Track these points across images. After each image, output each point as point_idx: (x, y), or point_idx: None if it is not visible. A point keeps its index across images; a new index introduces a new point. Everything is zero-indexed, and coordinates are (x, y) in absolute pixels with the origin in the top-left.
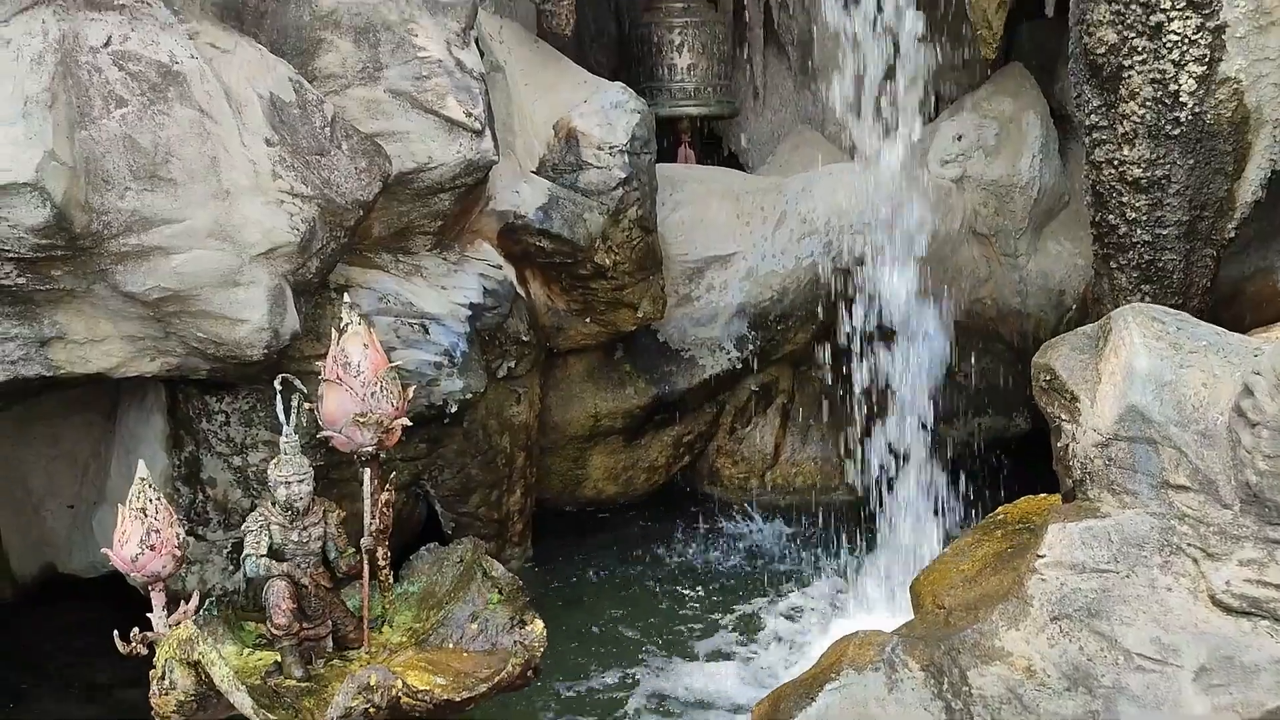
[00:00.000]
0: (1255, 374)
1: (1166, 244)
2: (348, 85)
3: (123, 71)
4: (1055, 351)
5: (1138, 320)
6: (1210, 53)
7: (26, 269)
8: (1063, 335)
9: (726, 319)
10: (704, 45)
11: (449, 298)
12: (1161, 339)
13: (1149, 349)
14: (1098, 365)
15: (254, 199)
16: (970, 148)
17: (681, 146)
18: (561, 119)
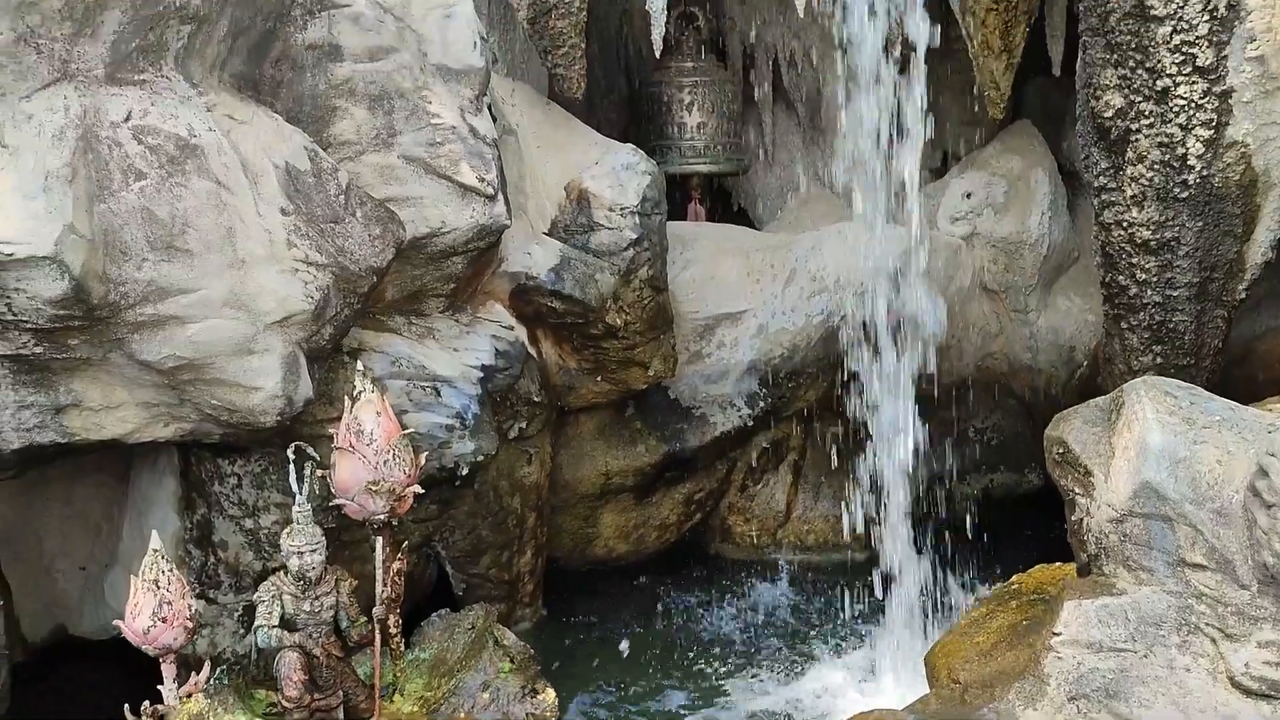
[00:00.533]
0: (1270, 455)
1: (1177, 305)
2: (362, 151)
3: (142, 145)
4: (1068, 424)
5: (1150, 394)
6: (1217, 117)
7: (44, 339)
8: (1075, 408)
9: (737, 376)
10: (713, 104)
11: (461, 360)
12: (1175, 414)
13: (1162, 424)
14: (1111, 439)
15: (269, 268)
16: (979, 205)
17: (691, 203)
18: (573, 180)
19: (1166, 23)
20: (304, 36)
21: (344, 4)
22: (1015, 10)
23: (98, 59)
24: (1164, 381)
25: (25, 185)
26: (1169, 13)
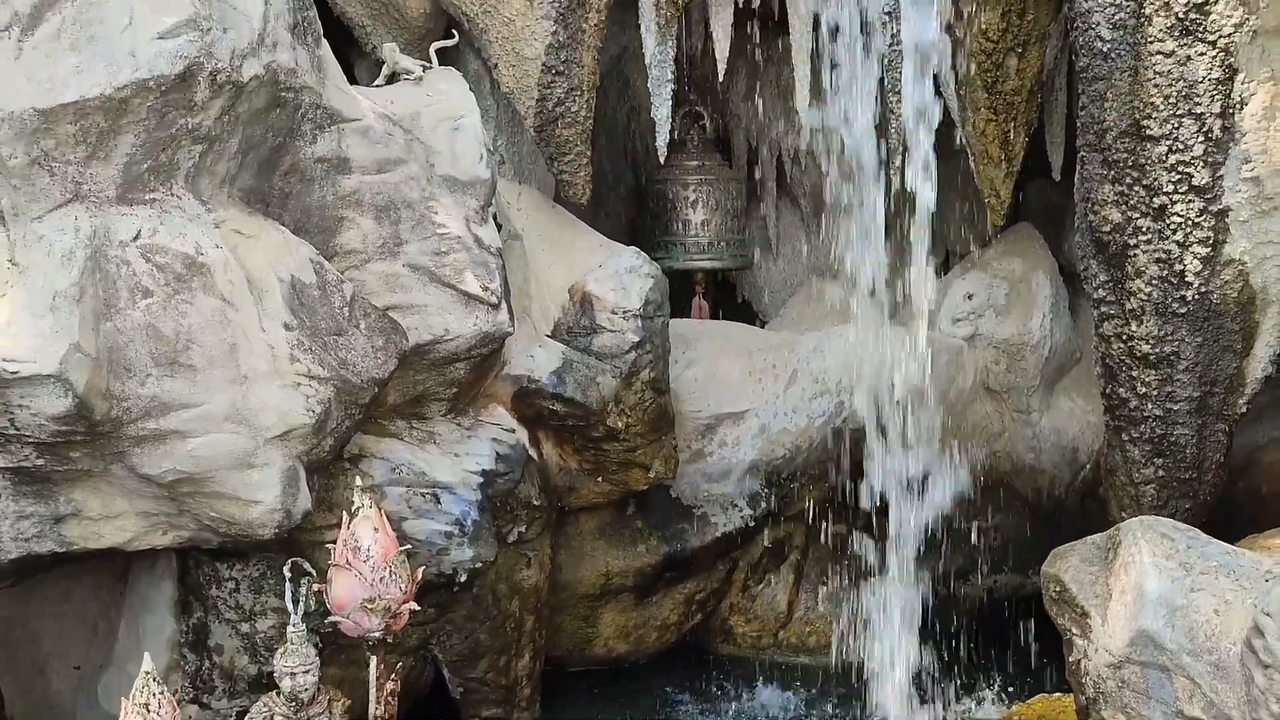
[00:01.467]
0: (1265, 614)
1: (1178, 419)
2: (368, 260)
3: (150, 264)
4: (1065, 562)
5: (1147, 537)
6: (1214, 235)
7: (46, 452)
8: (1072, 544)
9: (739, 476)
10: (718, 201)
11: (461, 465)
12: (1171, 558)
13: (1159, 569)
14: (1108, 580)
15: (271, 383)
16: (981, 306)
17: (696, 297)
18: (577, 283)
19: (1162, 142)
20: (313, 150)
21: (354, 118)
22: (1014, 121)
23: (109, 180)
24: (1160, 522)
25: (33, 304)
26: (1164, 133)
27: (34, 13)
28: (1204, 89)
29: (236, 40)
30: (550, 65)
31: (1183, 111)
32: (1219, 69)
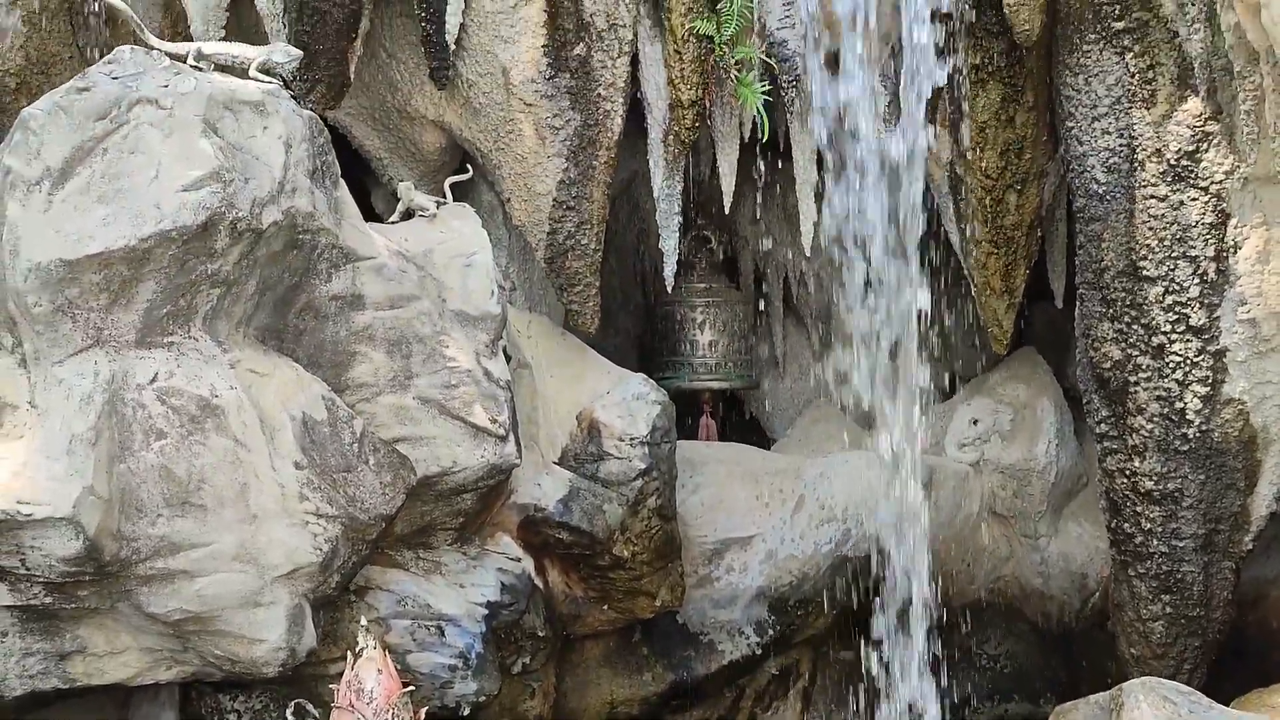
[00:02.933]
0: None
1: (1184, 556)
2: (379, 393)
3: (165, 406)
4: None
5: (1149, 699)
6: (1213, 374)
7: (55, 591)
8: (1075, 702)
9: (746, 602)
10: (725, 323)
11: (467, 597)
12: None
13: None
14: None
15: (279, 521)
16: (986, 432)
17: (703, 417)
18: (584, 410)
19: (1159, 283)
20: (328, 288)
21: (368, 256)
22: (1015, 254)
23: (129, 325)
24: (1162, 685)
25: (50, 447)
26: (1160, 274)
27: (65, 167)
28: (1198, 233)
29: (257, 189)
30: (561, 200)
31: (1178, 254)
32: (1212, 214)
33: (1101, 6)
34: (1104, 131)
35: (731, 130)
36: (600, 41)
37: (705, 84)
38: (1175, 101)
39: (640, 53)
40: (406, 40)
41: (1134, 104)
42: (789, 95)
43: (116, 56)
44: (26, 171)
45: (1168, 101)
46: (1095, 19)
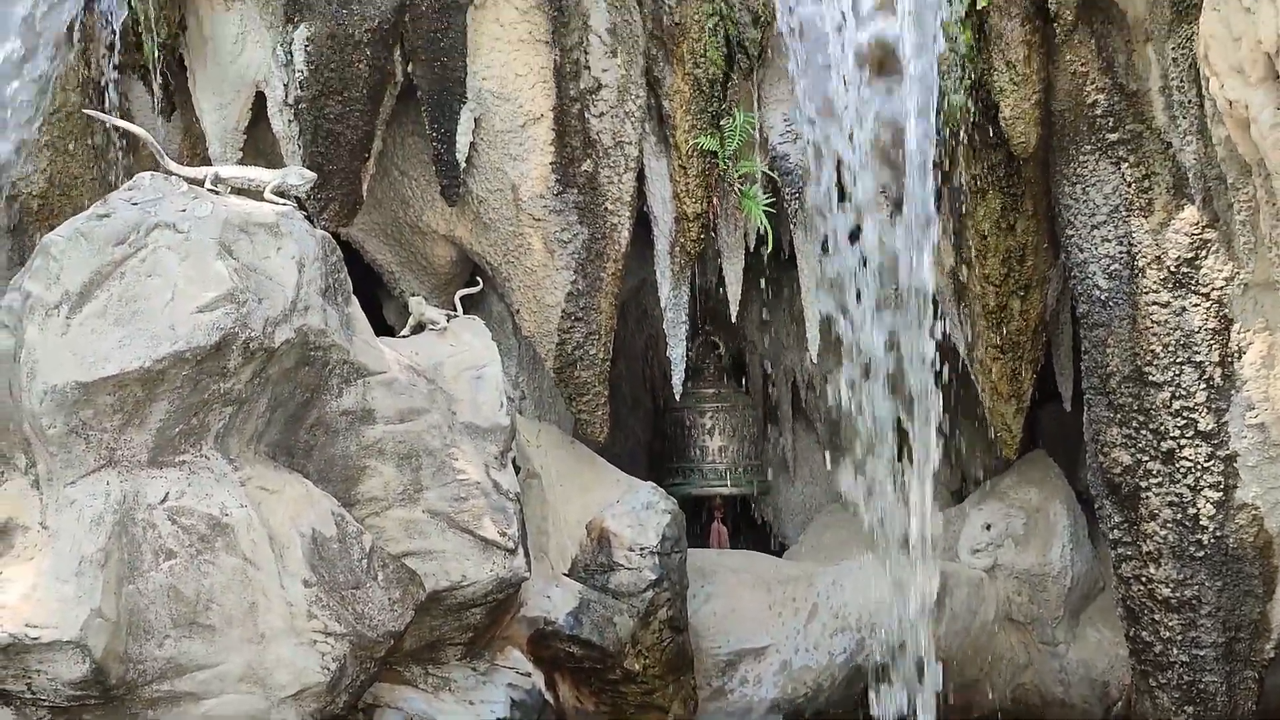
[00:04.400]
0: None
1: (1206, 665)
2: (388, 507)
3: (175, 525)
4: None
5: None
6: (1225, 480)
7: (59, 715)
8: None
9: (760, 715)
10: (734, 428)
11: (477, 714)
12: None
13: None
14: None
15: (287, 640)
16: (999, 537)
17: (714, 523)
18: (594, 519)
19: (1165, 388)
20: (339, 404)
21: (379, 371)
22: (1021, 359)
23: (142, 445)
24: None
25: (59, 569)
26: (1166, 379)
27: (84, 290)
28: (1201, 338)
29: (270, 309)
30: (569, 312)
31: (1182, 359)
32: (1214, 319)
33: (1096, 119)
34: (1104, 239)
35: (737, 241)
36: (607, 158)
37: (710, 197)
38: (1172, 210)
39: (646, 168)
40: (418, 158)
41: (1132, 212)
42: (792, 207)
43: (137, 183)
44: (46, 296)
45: (1165, 210)
46: (1090, 131)
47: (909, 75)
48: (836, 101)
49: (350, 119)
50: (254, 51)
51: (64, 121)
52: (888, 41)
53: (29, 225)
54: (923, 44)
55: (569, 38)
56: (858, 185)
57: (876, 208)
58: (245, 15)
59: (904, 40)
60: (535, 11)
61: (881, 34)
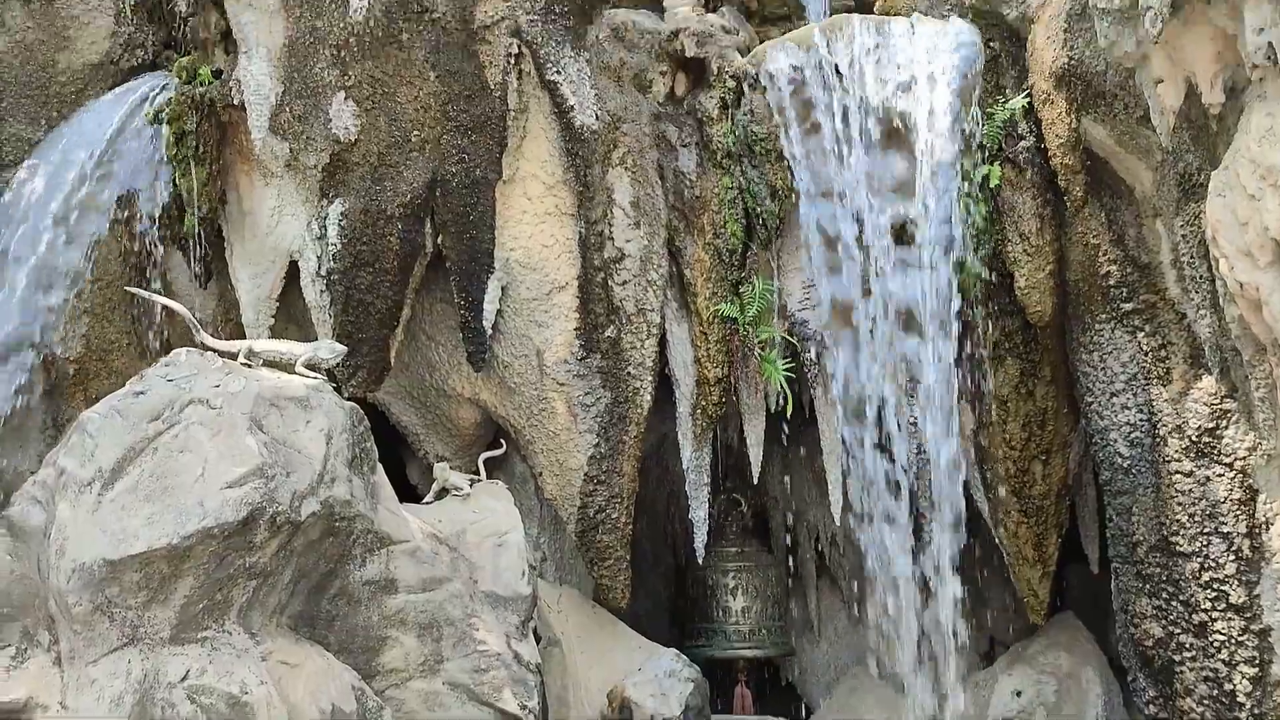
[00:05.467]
0: None
1: None
2: (409, 678)
3: (195, 704)
4: None
5: None
6: (1259, 654)
7: None
8: None
9: None
10: (757, 588)
11: None
12: None
13: None
14: None
15: None
16: (1031, 704)
17: (739, 686)
18: (615, 688)
19: (1193, 559)
20: (362, 574)
21: (402, 540)
22: (1046, 523)
23: (165, 622)
24: None
25: None
26: (1194, 550)
27: (116, 467)
28: (1227, 508)
29: (298, 482)
30: (592, 475)
31: (1209, 529)
32: (1239, 490)
33: (1110, 289)
34: (1123, 406)
35: (757, 403)
36: (630, 324)
37: (731, 361)
38: (1190, 379)
39: (668, 333)
40: (445, 324)
41: (1150, 381)
42: (811, 372)
43: (173, 359)
44: (80, 473)
45: (1183, 379)
46: (1105, 300)
47: (926, 251)
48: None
49: (381, 289)
50: (289, 224)
51: (104, 289)
52: (907, 218)
53: (65, 389)
54: (939, 220)
55: (594, 210)
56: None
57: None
58: (282, 190)
59: (921, 218)
60: (561, 186)
61: (901, 215)
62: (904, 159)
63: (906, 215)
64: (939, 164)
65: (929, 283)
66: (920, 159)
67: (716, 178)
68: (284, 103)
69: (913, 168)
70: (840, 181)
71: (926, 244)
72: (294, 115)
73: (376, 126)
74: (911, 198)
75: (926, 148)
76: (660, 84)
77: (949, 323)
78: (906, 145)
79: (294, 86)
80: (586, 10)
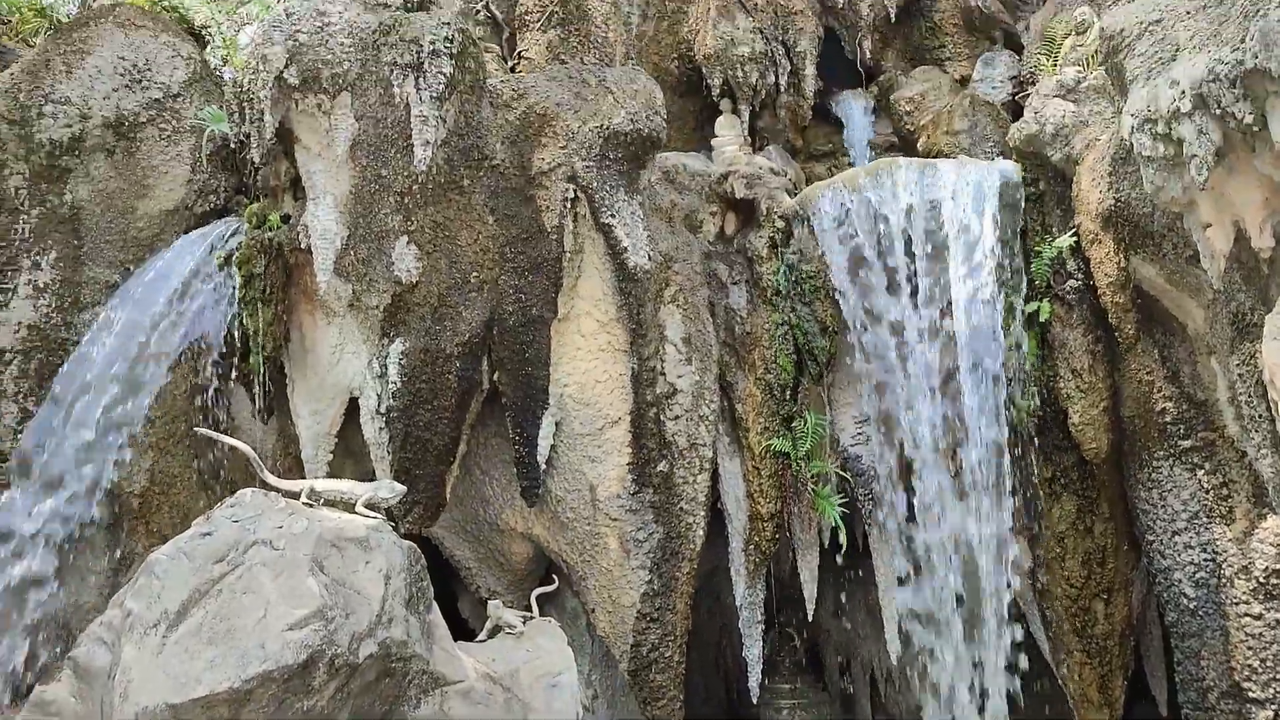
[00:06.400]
0: None
1: None
2: None
3: None
4: None
5: None
6: None
7: None
8: None
9: None
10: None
11: None
12: None
13: None
14: None
15: None
16: None
17: None
18: None
19: (1267, 706)
20: (416, 715)
21: (457, 680)
22: (1110, 665)
23: None
24: None
25: None
26: (1268, 696)
27: (181, 609)
28: None
29: (356, 624)
30: (645, 613)
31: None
32: None
33: (1166, 426)
34: (1186, 545)
35: (811, 539)
36: (682, 459)
37: (783, 496)
38: (1254, 519)
39: (720, 468)
40: (499, 459)
41: (1213, 520)
42: (865, 508)
43: (239, 499)
44: (146, 614)
45: (1247, 518)
46: (1162, 437)
47: (975, 387)
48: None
49: (438, 426)
50: (350, 362)
51: (169, 424)
52: (956, 355)
53: (127, 522)
54: (987, 355)
55: (646, 347)
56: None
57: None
58: (344, 329)
59: (970, 354)
60: (614, 323)
61: (951, 352)
62: (951, 297)
63: (956, 352)
64: (987, 301)
65: (978, 417)
66: (968, 296)
67: (767, 314)
68: (349, 246)
69: (961, 305)
70: (889, 318)
71: (976, 380)
72: (358, 258)
73: (437, 268)
74: (959, 332)
75: (974, 285)
76: (710, 224)
77: (1002, 456)
78: (953, 285)
79: (359, 231)
80: (639, 155)
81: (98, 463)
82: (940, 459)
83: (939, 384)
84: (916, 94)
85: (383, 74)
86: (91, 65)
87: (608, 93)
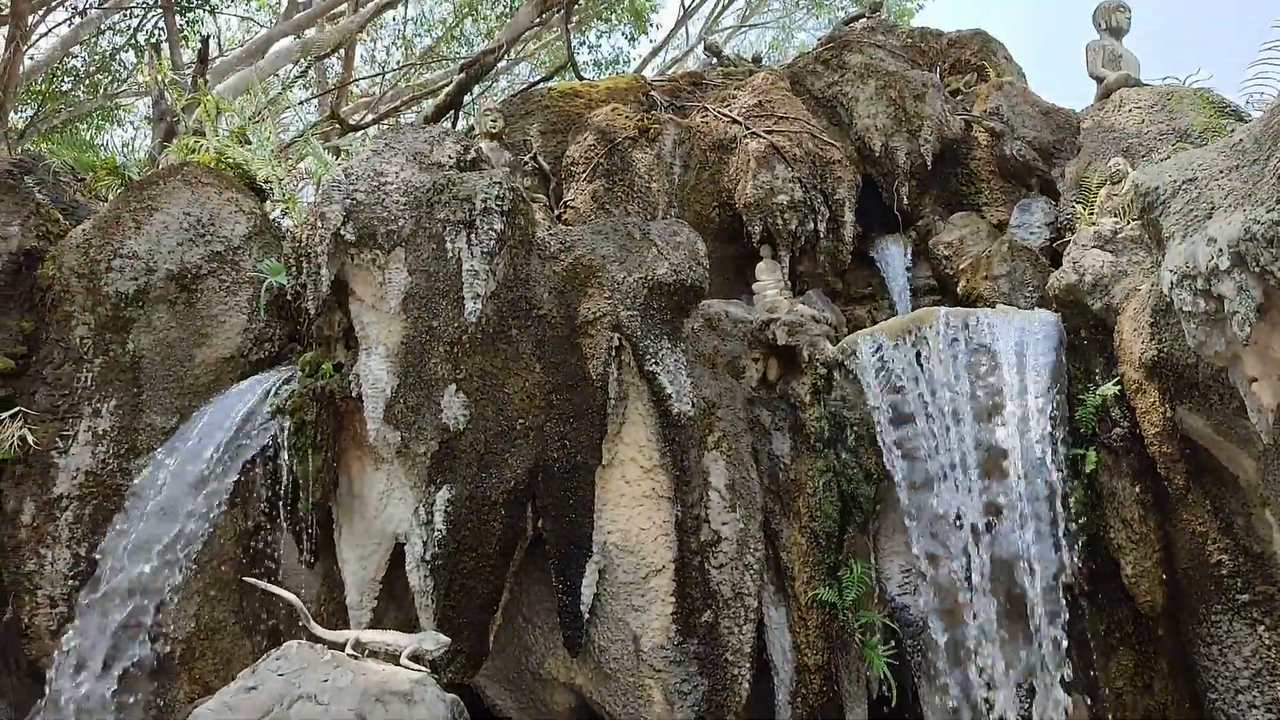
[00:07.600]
0: None
1: None
2: None
3: None
4: None
5: None
6: None
7: None
8: None
9: None
10: None
11: None
12: None
13: None
14: None
15: None
16: None
17: None
18: None
19: None
20: None
21: None
22: None
23: None
24: None
25: None
26: None
27: None
28: None
29: None
30: None
31: None
32: None
33: (1223, 579)
34: (1250, 705)
35: (859, 691)
36: (727, 609)
37: (831, 648)
38: None
39: (766, 618)
40: (541, 606)
41: (1276, 677)
42: (914, 659)
43: (285, 652)
44: None
45: None
46: (1219, 590)
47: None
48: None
49: (483, 574)
50: (397, 508)
51: (216, 569)
52: (1002, 504)
53: (171, 667)
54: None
55: (690, 494)
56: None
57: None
58: (392, 475)
59: (1017, 503)
60: (658, 470)
61: (997, 501)
62: (996, 445)
63: (1001, 501)
64: (1031, 449)
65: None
66: (1012, 445)
67: (810, 461)
68: (398, 395)
69: (1005, 455)
70: (934, 467)
71: (1024, 530)
72: (407, 406)
73: (484, 416)
74: (1005, 481)
75: (1018, 434)
76: (753, 370)
77: (1057, 611)
78: (998, 433)
79: (409, 380)
80: (682, 304)
81: (144, 606)
82: (993, 608)
83: (985, 531)
84: (955, 238)
85: (436, 230)
86: (159, 221)
87: (651, 245)
